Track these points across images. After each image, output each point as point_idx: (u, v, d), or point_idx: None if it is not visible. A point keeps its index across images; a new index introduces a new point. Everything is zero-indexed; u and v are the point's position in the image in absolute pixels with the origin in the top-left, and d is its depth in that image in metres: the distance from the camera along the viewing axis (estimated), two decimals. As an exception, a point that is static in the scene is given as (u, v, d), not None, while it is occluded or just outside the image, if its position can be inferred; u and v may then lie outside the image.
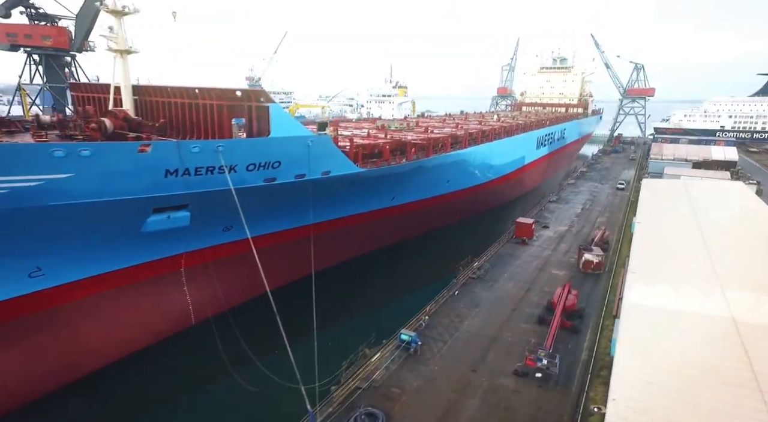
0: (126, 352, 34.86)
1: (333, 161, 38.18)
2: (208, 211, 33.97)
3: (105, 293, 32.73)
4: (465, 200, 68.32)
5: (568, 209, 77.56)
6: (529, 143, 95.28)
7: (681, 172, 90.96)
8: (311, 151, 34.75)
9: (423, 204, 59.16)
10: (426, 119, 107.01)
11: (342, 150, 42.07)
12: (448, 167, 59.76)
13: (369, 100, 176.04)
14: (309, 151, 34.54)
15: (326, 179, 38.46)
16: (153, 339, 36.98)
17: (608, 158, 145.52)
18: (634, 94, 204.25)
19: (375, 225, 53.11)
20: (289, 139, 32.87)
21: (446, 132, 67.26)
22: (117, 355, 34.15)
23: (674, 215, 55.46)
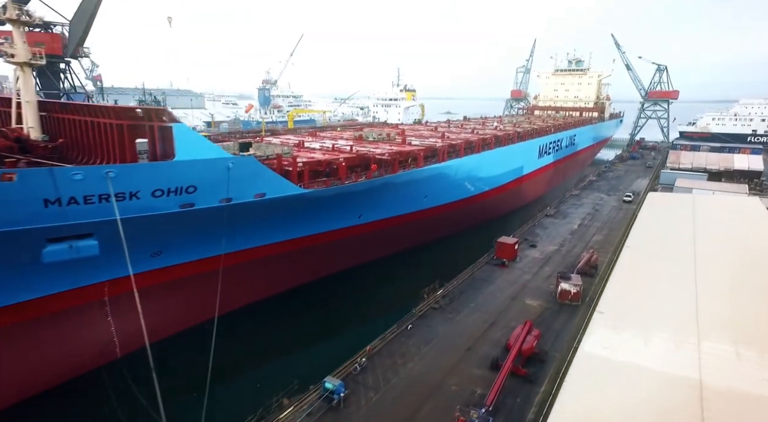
0: (30, 392, 32.28)
1: (266, 182, 34.83)
2: (121, 238, 31.05)
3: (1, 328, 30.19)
4: (448, 215, 64.05)
5: (563, 225, 72.19)
6: (529, 152, 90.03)
7: (693, 184, 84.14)
8: (233, 174, 31.46)
9: (395, 222, 55.26)
10: (422, 125, 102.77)
11: (285, 169, 38.70)
12: (423, 183, 55.70)
13: (375, 104, 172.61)
14: (230, 174, 31.27)
15: (260, 202, 35.12)
16: (68, 375, 34.35)
17: (623, 166, 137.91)
18: (657, 97, 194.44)
19: (338, 246, 49.55)
20: (199, 162, 29.70)
21: (428, 143, 63.10)
22: (16, 397, 31.58)
23: (671, 239, 50.00)
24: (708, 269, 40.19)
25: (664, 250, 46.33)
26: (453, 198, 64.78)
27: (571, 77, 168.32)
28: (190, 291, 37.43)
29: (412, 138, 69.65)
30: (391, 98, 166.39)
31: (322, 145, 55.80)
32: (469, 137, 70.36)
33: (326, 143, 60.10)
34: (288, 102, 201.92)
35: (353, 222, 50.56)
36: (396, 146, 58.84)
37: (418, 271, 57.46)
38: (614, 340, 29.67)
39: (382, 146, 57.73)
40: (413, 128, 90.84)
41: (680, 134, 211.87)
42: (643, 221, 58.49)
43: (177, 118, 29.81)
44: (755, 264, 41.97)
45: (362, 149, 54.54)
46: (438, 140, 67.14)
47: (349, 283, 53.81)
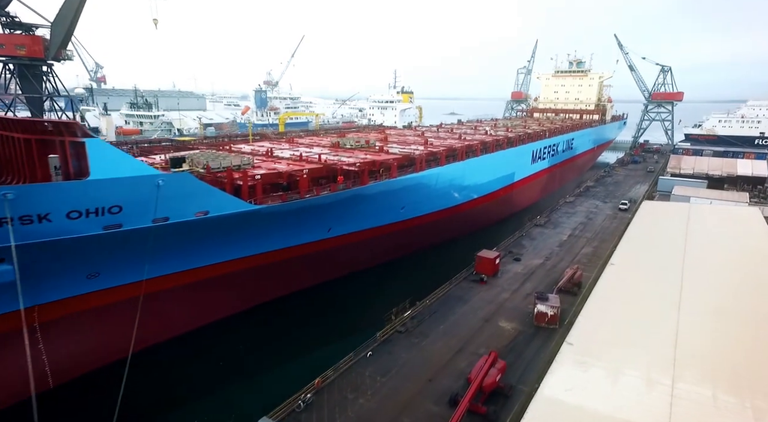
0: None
1: (208, 199, 32.17)
2: (43, 262, 28.55)
3: None
4: (429, 226, 61.09)
5: (553, 236, 68.94)
6: (521, 157, 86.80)
7: (691, 192, 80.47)
8: (164, 192, 28.83)
9: (369, 234, 52.43)
10: (411, 130, 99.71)
11: (234, 184, 36.00)
12: (398, 193, 52.83)
13: (372, 106, 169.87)
14: (161, 192, 28.64)
15: (202, 220, 32.46)
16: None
17: (623, 170, 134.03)
18: (661, 99, 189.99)
19: (304, 261, 46.83)
20: (121, 180, 27.12)
21: (407, 151, 60.17)
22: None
23: (659, 255, 46.71)
24: (694, 293, 36.97)
25: (651, 268, 43.10)
26: (435, 208, 61.85)
27: (572, 79, 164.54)
28: (130, 315, 34.84)
29: (393, 145, 66.83)
30: (387, 100, 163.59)
31: (293, 153, 53.10)
32: (453, 144, 67.29)
33: (300, 150, 57.39)
34: (285, 104, 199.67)
35: (322, 236, 47.84)
36: (372, 154, 55.99)
37: (392, 287, 54.41)
38: (579, 379, 26.64)
39: (357, 155, 54.91)
40: (401, 132, 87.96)
41: (685, 136, 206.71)
42: (633, 234, 55.24)
43: (90, 132, 27.19)
44: (746, 286, 38.66)
45: (334, 158, 51.75)
46: (420, 147, 64.20)
47: (314, 302, 50.64)
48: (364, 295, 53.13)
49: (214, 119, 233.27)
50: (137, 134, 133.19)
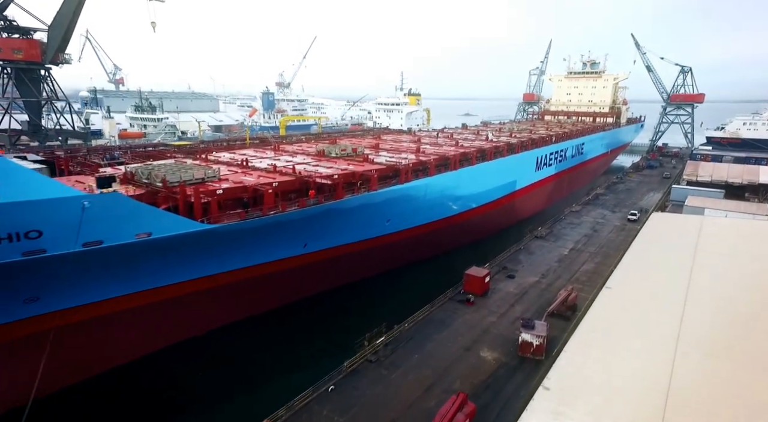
0: None
1: (150, 219, 29.46)
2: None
3: None
4: (419, 239, 57.70)
5: (553, 250, 64.80)
6: (524, 164, 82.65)
7: (706, 203, 75.15)
8: (91, 214, 26.21)
9: (351, 249, 49.31)
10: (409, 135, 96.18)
11: (185, 201, 33.23)
12: (382, 206, 49.58)
13: (377, 109, 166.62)
14: (86, 214, 26.01)
15: (144, 242, 29.75)
16: None
17: (637, 176, 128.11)
18: (680, 101, 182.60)
19: (276, 278, 43.94)
20: (36, 203, 24.55)
21: (394, 160, 56.85)
22: None
23: (662, 278, 42.49)
24: (697, 327, 32.88)
25: (650, 295, 38.93)
26: (425, 220, 58.42)
27: (585, 80, 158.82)
28: (72, 341, 32.41)
29: (383, 153, 63.61)
30: (393, 103, 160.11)
31: (271, 163, 50.28)
32: (446, 152, 63.69)
33: (281, 159, 54.61)
34: (292, 106, 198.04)
35: (297, 252, 44.92)
36: (356, 164, 52.80)
37: (373, 306, 51.17)
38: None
39: (339, 165, 51.81)
40: (396, 138, 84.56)
41: (707, 139, 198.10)
42: (636, 252, 50.95)
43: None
44: (759, 321, 34.33)
45: (313, 168, 48.76)
46: (410, 156, 60.78)
47: (286, 323, 47.31)
48: (341, 316, 49.57)
49: (224, 121, 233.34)
50: (140, 137, 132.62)
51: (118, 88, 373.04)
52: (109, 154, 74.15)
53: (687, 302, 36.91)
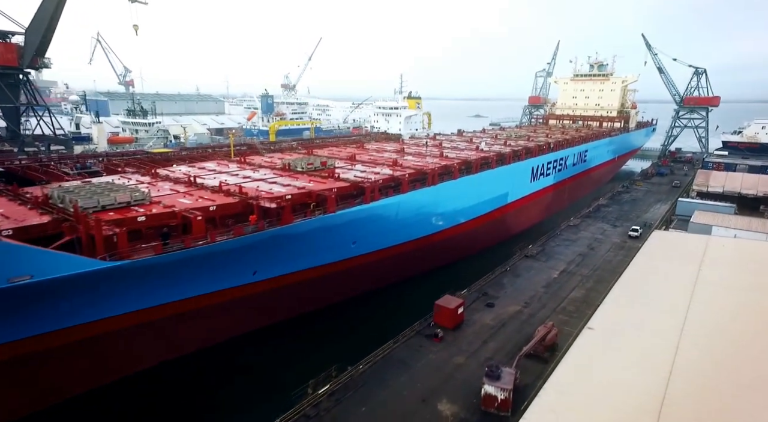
0: None
1: (25, 260, 25.14)
2: None
3: None
4: (390, 261, 52.86)
5: (541, 272, 59.42)
6: (517, 175, 77.29)
7: (715, 219, 68.98)
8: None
9: (309, 275, 44.68)
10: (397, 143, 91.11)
11: (89, 233, 28.89)
12: (341, 229, 44.86)
13: (375, 113, 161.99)
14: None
15: (20, 287, 25.40)
16: None
17: (645, 185, 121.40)
18: (694, 104, 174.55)
19: (220, 310, 39.54)
20: None
21: (362, 176, 52.00)
22: None
23: (654, 314, 37.28)
24: (686, 384, 27.59)
25: (638, 339, 33.72)
26: (399, 240, 53.59)
27: (592, 83, 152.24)
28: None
29: (357, 166, 58.90)
30: (392, 107, 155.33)
31: (224, 180, 45.93)
32: (425, 166, 58.55)
33: (240, 175, 50.26)
34: (291, 110, 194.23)
35: (246, 280, 40.49)
36: (318, 180, 48.09)
37: (331, 341, 46.22)
38: None
39: (299, 182, 47.19)
40: (380, 147, 79.63)
41: (723, 144, 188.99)
42: (630, 279, 45.62)
43: None
44: (758, 380, 28.84)
45: (266, 187, 44.17)
46: (384, 171, 55.89)
47: (217, 363, 41.46)
48: (287, 356, 44.00)
49: (226, 124, 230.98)
50: (131, 143, 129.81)
51: (128, 90, 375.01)
52: (80, 163, 70.84)
53: (680, 347, 31.67)
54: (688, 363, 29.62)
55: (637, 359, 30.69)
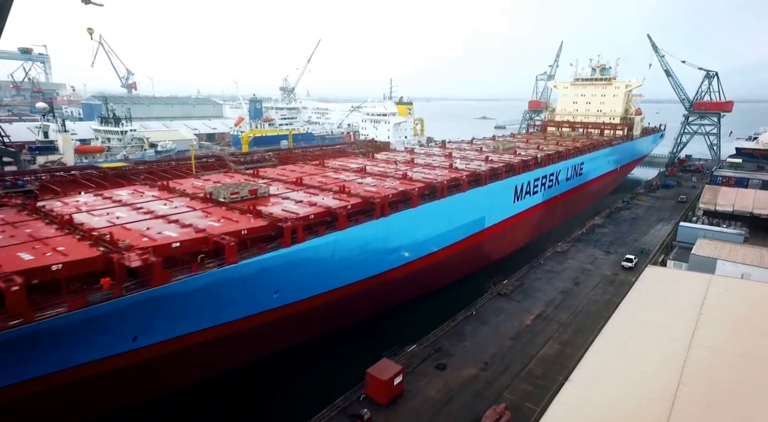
0: None
1: None
2: None
3: None
4: (325, 308, 44.76)
5: (513, 316, 50.90)
6: (496, 196, 68.69)
7: (721, 251, 59.64)
8: None
9: (206, 336, 36.68)
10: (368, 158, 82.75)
11: None
12: (258, 277, 36.92)
13: (364, 119, 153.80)
14: None
15: None
16: None
17: (648, 199, 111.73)
18: (704, 110, 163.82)
19: (88, 386, 31.84)
20: None
21: (295, 210, 43.91)
22: None
23: (639, 388, 29.00)
24: None
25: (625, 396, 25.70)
26: (339, 283, 45.48)
27: (593, 88, 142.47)
28: None
29: (300, 193, 50.82)
30: (380, 114, 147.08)
31: (113, 219, 38.08)
32: (377, 194, 50.11)
33: (148, 208, 42.44)
34: (281, 115, 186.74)
35: (125, 347, 32.73)
36: (234, 217, 39.93)
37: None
38: None
39: (209, 219, 39.10)
40: (343, 165, 70.98)
41: (737, 150, 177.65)
42: (613, 334, 37.43)
43: None
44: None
45: (158, 227, 36.16)
46: (326, 199, 47.67)
47: None
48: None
49: (218, 128, 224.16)
50: (101, 152, 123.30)
51: (131, 92, 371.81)
52: (11, 181, 63.90)
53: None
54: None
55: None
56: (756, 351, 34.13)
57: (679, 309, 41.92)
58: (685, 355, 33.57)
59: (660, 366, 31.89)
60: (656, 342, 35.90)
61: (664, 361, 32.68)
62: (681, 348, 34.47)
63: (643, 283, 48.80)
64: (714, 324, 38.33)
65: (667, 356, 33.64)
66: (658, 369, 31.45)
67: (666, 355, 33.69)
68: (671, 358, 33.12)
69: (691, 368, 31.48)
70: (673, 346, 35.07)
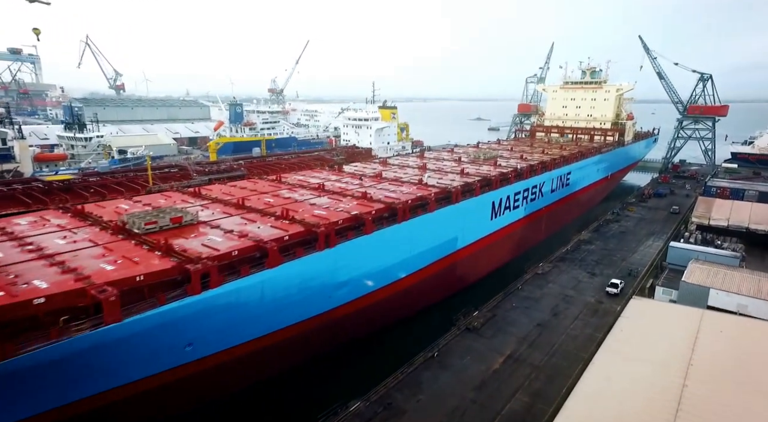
0: None
1: None
2: None
3: None
4: (257, 356, 38.54)
5: (481, 358, 44.78)
6: (471, 214, 62.68)
7: (714, 278, 53.54)
8: None
9: (101, 401, 30.42)
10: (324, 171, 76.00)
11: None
12: (161, 331, 30.71)
13: (346, 125, 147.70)
14: None
15: None
16: None
17: (639, 210, 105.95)
18: (699, 114, 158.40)
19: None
20: None
21: (214, 245, 37.68)
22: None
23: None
24: None
25: None
26: (271, 328, 39.20)
27: (583, 91, 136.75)
28: None
29: (234, 218, 44.56)
30: (362, 118, 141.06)
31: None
32: (323, 220, 43.88)
33: (40, 243, 36.04)
34: (263, 118, 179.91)
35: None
36: (127, 257, 33.20)
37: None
38: None
39: (104, 260, 32.70)
40: (305, 179, 64.82)
41: (732, 155, 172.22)
42: (588, 391, 31.45)
43: None
44: None
45: (40, 272, 29.91)
46: (263, 227, 41.36)
47: None
48: None
49: (201, 132, 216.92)
50: (63, 160, 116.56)
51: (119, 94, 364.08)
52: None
53: None
54: None
55: None
56: (751, 406, 28.47)
57: (666, 357, 36.17)
58: (674, 414, 27.96)
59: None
60: (638, 403, 30.06)
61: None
62: (667, 407, 28.79)
63: (627, 320, 42.95)
64: (704, 379, 32.51)
65: (652, 416, 28.04)
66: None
67: (650, 416, 28.06)
68: (655, 418, 27.56)
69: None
70: (659, 404, 29.40)
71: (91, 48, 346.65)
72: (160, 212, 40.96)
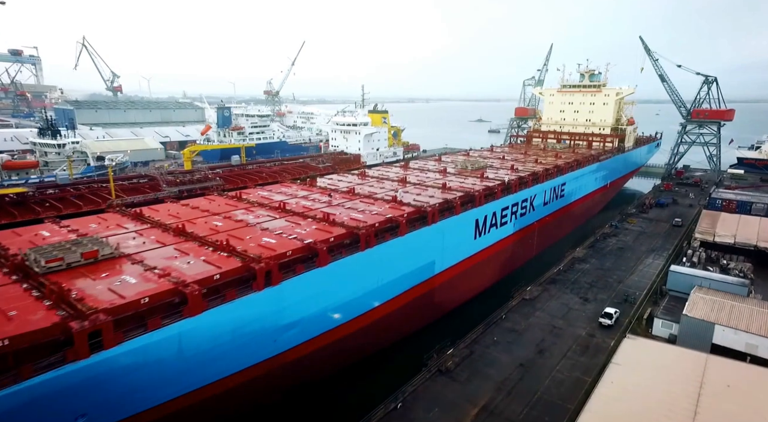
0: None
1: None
2: None
3: None
4: (179, 417, 32.76)
5: (450, 410, 38.84)
6: (450, 235, 56.77)
7: (720, 312, 47.46)
8: None
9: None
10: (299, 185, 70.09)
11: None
12: (46, 405, 25.00)
13: (334, 130, 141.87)
14: None
15: None
16: None
17: (639, 222, 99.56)
18: (703, 118, 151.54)
19: None
20: None
21: (118, 295, 32.02)
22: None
23: None
24: None
25: None
26: (194, 386, 33.37)
27: (582, 95, 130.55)
28: None
29: (167, 249, 38.79)
30: (350, 123, 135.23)
31: None
32: (265, 251, 37.81)
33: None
34: (252, 123, 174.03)
35: None
36: (4, 309, 27.81)
37: None
38: None
39: None
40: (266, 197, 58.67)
41: (738, 160, 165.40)
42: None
43: None
44: None
45: None
46: (195, 263, 35.61)
47: None
48: None
49: (191, 135, 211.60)
50: (34, 168, 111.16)
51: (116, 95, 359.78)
52: None
53: None
54: None
55: None
56: None
57: (669, 398, 30.47)
58: None
59: None
60: None
61: None
62: None
63: (619, 369, 37.08)
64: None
65: None
66: None
67: None
68: None
69: None
70: None
71: (88, 49, 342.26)
72: (73, 244, 35.18)
